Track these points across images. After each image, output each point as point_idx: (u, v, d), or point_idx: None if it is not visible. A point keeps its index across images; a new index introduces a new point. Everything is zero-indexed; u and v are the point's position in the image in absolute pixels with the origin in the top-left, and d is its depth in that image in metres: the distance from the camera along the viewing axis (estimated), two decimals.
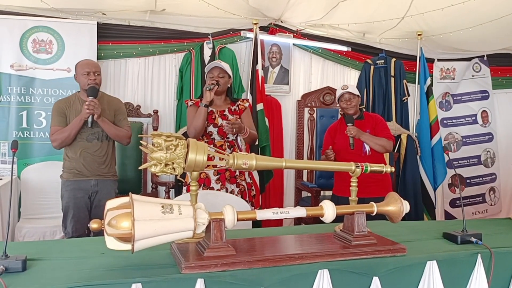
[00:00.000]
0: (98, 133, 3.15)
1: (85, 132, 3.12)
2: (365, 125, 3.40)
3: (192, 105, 3.22)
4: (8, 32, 3.89)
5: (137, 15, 4.28)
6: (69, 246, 1.95)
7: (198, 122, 3.09)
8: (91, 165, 3.15)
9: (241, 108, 3.30)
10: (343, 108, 3.48)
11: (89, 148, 3.14)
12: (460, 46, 5.20)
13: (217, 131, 3.17)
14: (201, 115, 3.09)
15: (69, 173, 3.16)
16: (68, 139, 3.08)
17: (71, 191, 3.14)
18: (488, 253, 1.94)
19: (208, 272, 1.57)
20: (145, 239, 1.50)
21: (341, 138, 3.41)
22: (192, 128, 3.11)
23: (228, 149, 3.19)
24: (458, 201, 5.39)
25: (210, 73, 3.22)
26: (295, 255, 1.71)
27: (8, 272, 1.52)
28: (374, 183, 3.14)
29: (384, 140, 3.37)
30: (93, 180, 3.16)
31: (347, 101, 3.41)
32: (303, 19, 4.71)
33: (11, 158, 3.85)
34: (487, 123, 5.52)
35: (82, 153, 3.13)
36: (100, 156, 3.18)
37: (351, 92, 3.42)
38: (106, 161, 3.22)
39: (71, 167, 3.15)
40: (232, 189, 3.17)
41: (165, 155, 1.74)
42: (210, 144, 3.14)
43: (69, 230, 3.15)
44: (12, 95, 3.92)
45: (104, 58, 4.22)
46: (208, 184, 3.12)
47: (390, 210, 1.95)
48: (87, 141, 3.14)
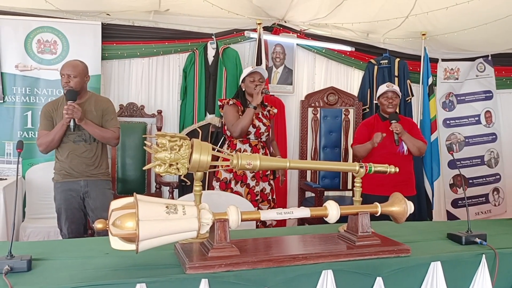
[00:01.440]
0: (85, 135, 3.13)
1: (71, 134, 3.10)
2: (402, 127, 3.45)
3: (233, 104, 3.32)
4: (13, 32, 3.90)
5: (141, 15, 4.29)
6: (73, 246, 1.96)
7: (246, 122, 3.22)
8: (79, 166, 3.13)
9: (271, 114, 3.50)
10: (382, 105, 3.55)
11: (76, 150, 3.13)
12: (464, 46, 5.18)
13: (254, 131, 3.32)
14: (249, 116, 3.22)
15: (59, 175, 3.17)
16: (52, 144, 3.07)
17: (62, 192, 3.14)
18: (493, 253, 1.93)
19: (212, 272, 1.57)
20: (150, 239, 1.50)
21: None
22: (240, 127, 3.22)
23: (261, 149, 3.38)
24: (460, 201, 5.38)
25: (250, 76, 3.32)
26: (299, 256, 1.71)
27: (13, 271, 1.52)
28: (400, 183, 3.24)
29: (421, 143, 3.51)
30: (82, 181, 3.15)
31: (389, 98, 3.50)
32: (307, 18, 4.70)
33: (16, 158, 3.87)
34: (490, 123, 5.50)
35: (70, 155, 3.12)
36: (88, 157, 3.16)
37: (395, 91, 3.52)
38: (95, 162, 3.19)
39: (60, 168, 3.16)
40: (264, 187, 3.35)
41: (170, 156, 1.75)
42: (245, 143, 3.32)
43: (65, 231, 3.16)
44: (17, 95, 3.94)
45: (108, 59, 4.23)
46: (245, 181, 3.29)
47: (394, 211, 1.95)
48: (74, 143, 3.12)
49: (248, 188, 3.28)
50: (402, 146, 3.45)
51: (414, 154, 3.51)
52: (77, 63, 3.16)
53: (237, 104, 3.34)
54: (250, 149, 3.31)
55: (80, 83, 3.11)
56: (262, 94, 3.27)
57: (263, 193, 3.34)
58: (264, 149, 3.42)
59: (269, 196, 3.38)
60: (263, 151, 3.39)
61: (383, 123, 3.52)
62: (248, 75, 3.33)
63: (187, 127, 4.32)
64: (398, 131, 3.34)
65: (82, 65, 3.18)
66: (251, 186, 3.29)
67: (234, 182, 3.27)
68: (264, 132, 3.38)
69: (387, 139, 3.40)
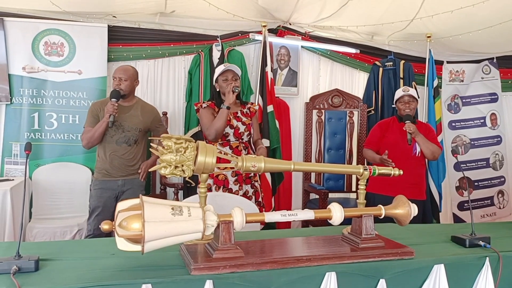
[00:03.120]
0: (128, 137, 3.28)
1: (116, 135, 3.25)
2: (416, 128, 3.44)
3: (207, 107, 3.27)
4: (21, 34, 3.94)
5: (146, 17, 4.32)
6: (80, 247, 1.98)
7: (220, 124, 3.13)
8: (119, 167, 3.28)
9: (252, 111, 3.39)
10: (399, 109, 3.56)
11: (117, 151, 3.26)
12: (470, 48, 5.17)
13: (233, 132, 3.24)
14: (223, 117, 3.13)
15: (99, 173, 3.31)
16: (92, 139, 3.21)
17: (99, 190, 3.28)
18: (496, 256, 1.94)
19: (216, 274, 1.59)
20: (155, 240, 1.52)
21: (393, 134, 3.52)
22: (214, 129, 3.14)
23: (244, 150, 3.28)
24: (466, 204, 5.36)
25: (223, 75, 3.25)
26: (303, 257, 1.72)
27: (21, 272, 1.54)
28: (410, 184, 3.26)
29: (436, 147, 3.50)
30: (120, 180, 3.29)
31: (406, 103, 3.51)
32: (312, 19, 4.71)
33: (23, 159, 3.91)
34: (496, 126, 5.49)
35: (111, 155, 3.26)
36: (128, 159, 3.30)
37: (412, 95, 3.53)
38: (134, 163, 3.34)
39: (101, 167, 3.30)
40: (247, 190, 3.26)
41: (175, 157, 1.76)
42: (225, 145, 3.23)
43: (91, 227, 3.26)
44: (24, 97, 3.97)
45: (114, 60, 4.25)
46: (227, 185, 3.21)
47: (398, 213, 1.95)
48: (116, 144, 3.26)
49: (230, 193, 3.16)
50: (415, 148, 3.45)
51: (427, 157, 3.50)
52: (129, 68, 3.37)
53: (211, 106, 3.26)
54: (231, 151, 3.21)
55: (130, 87, 3.29)
56: (234, 92, 3.16)
57: (246, 196, 3.22)
58: (246, 149, 3.31)
59: (251, 199, 3.23)
60: (245, 152, 3.27)
61: (399, 124, 3.54)
62: (221, 74, 3.25)
63: (192, 129, 4.33)
64: (411, 130, 3.33)
65: (133, 70, 3.37)
66: (233, 190, 3.19)
67: (215, 187, 3.18)
68: (244, 131, 3.27)
69: (401, 140, 3.42)
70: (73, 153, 3.98)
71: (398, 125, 3.55)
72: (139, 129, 3.32)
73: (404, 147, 3.42)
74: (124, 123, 3.27)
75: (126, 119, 3.28)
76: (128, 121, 3.29)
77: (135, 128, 3.31)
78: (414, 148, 3.45)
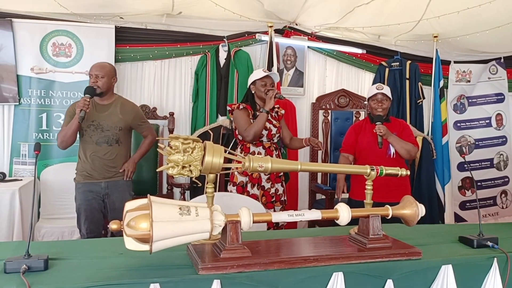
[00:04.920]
0: (108, 136, 3.19)
1: (95, 135, 3.16)
2: (391, 129, 3.32)
3: (244, 108, 3.34)
4: (29, 36, 3.97)
5: (153, 18, 4.34)
6: (89, 246, 2.00)
7: (259, 127, 3.22)
8: (100, 168, 3.19)
9: (279, 115, 3.49)
10: (372, 108, 3.40)
11: (98, 151, 3.18)
12: (477, 48, 5.15)
13: (266, 134, 3.33)
14: (262, 121, 3.23)
15: (81, 176, 3.22)
16: (66, 137, 3.10)
17: (83, 193, 3.20)
18: (504, 257, 1.93)
19: (224, 273, 1.59)
20: (163, 240, 1.53)
21: (366, 137, 3.37)
22: (253, 132, 3.21)
23: (275, 150, 3.39)
24: (468, 204, 5.37)
25: (262, 80, 3.32)
26: (310, 258, 1.72)
27: (30, 271, 1.56)
28: (395, 187, 3.13)
29: (411, 145, 3.33)
30: (103, 182, 3.21)
31: (378, 101, 3.35)
32: (318, 22, 4.71)
33: (31, 159, 3.94)
34: (501, 126, 5.47)
35: (92, 156, 3.18)
36: (109, 159, 3.21)
37: (385, 94, 3.37)
38: (117, 163, 3.25)
39: (82, 169, 3.22)
40: (277, 188, 3.36)
41: (182, 158, 1.77)
42: (259, 145, 3.33)
43: (84, 231, 3.22)
44: (32, 97, 4.00)
45: (122, 61, 4.28)
46: (261, 183, 3.30)
47: (406, 214, 1.95)
48: (96, 145, 3.17)
49: (263, 190, 3.29)
50: (389, 149, 3.29)
51: (404, 156, 3.32)
52: (105, 64, 3.26)
53: (248, 108, 3.34)
54: (264, 151, 3.32)
55: (107, 84, 3.19)
56: (275, 98, 3.26)
57: (277, 194, 3.36)
58: (277, 150, 3.44)
59: (281, 197, 3.39)
60: (276, 153, 3.40)
61: (371, 126, 3.36)
62: (260, 79, 3.32)
63: (199, 129, 4.35)
64: (382, 133, 3.18)
65: (110, 66, 3.28)
66: (266, 188, 3.30)
67: (251, 185, 3.28)
68: (276, 133, 3.38)
69: (374, 143, 3.26)
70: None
71: (370, 126, 3.36)
72: (119, 128, 3.21)
73: (378, 150, 3.24)
74: (103, 122, 3.17)
75: (104, 118, 3.18)
76: (107, 120, 3.18)
77: (114, 126, 3.20)
78: (388, 149, 3.29)
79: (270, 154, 3.32)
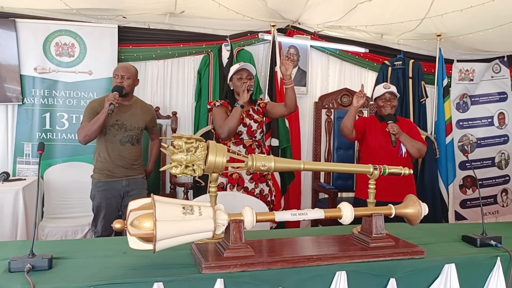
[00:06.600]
0: (131, 136, 3.26)
1: (118, 134, 3.22)
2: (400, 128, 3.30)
3: (220, 105, 3.26)
4: (32, 36, 3.98)
5: (156, 18, 4.34)
6: (93, 246, 2.01)
7: (233, 122, 3.12)
8: (124, 167, 3.25)
9: (262, 106, 3.37)
10: (380, 107, 3.37)
11: (122, 151, 3.23)
12: (480, 46, 5.14)
13: (246, 130, 3.23)
14: (236, 115, 3.12)
15: (101, 174, 3.25)
16: (90, 131, 3.10)
17: (103, 192, 3.23)
18: (508, 256, 1.93)
19: (227, 272, 1.60)
20: (167, 239, 1.53)
21: (377, 136, 3.35)
22: (227, 127, 3.13)
23: (257, 148, 3.27)
24: (469, 202, 5.38)
25: (238, 74, 3.23)
26: (313, 257, 1.73)
27: (34, 270, 1.56)
28: (402, 186, 3.11)
29: (421, 144, 3.33)
30: (124, 180, 3.26)
31: (387, 100, 3.33)
32: (321, 21, 4.71)
33: (35, 159, 3.96)
34: (503, 125, 5.45)
35: (115, 155, 3.22)
36: (132, 159, 3.28)
37: (393, 92, 3.36)
38: (137, 162, 3.34)
39: (103, 168, 3.24)
40: (262, 188, 3.24)
41: (186, 157, 1.77)
42: (239, 144, 3.23)
43: (99, 229, 3.25)
44: (36, 97, 4.02)
45: (124, 61, 4.26)
46: (242, 184, 3.19)
47: (409, 212, 1.95)
48: (120, 144, 3.23)
49: (246, 191, 3.16)
50: (401, 148, 3.28)
51: (414, 155, 3.33)
52: (130, 66, 3.37)
53: (225, 104, 3.25)
54: (244, 150, 3.20)
55: (131, 85, 3.26)
56: (248, 91, 3.15)
57: (262, 194, 3.22)
58: (260, 148, 3.30)
59: (268, 198, 3.25)
60: (259, 151, 3.27)
61: (380, 124, 3.35)
62: (235, 72, 3.23)
63: (202, 129, 4.35)
64: (395, 131, 3.17)
65: (134, 68, 3.35)
66: (249, 189, 3.17)
67: (230, 186, 3.18)
68: (257, 129, 3.26)
69: (384, 142, 3.26)
70: (84, 152, 4.00)
71: (380, 125, 3.35)
72: (140, 128, 3.32)
73: (389, 149, 3.23)
74: (127, 122, 3.24)
75: (127, 118, 3.25)
76: (130, 119, 3.26)
77: (137, 127, 3.29)
78: (400, 149, 3.27)
79: (252, 152, 3.17)
